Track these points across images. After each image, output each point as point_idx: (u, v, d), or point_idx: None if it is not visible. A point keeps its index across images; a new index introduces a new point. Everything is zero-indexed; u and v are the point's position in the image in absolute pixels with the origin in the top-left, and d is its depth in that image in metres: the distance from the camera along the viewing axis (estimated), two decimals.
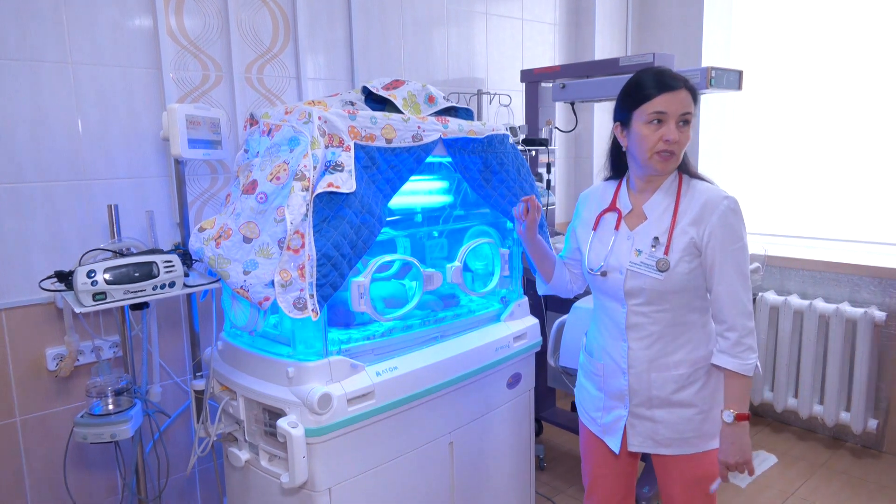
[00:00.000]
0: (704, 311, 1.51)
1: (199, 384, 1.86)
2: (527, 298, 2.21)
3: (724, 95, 3.37)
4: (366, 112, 1.68)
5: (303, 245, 1.50)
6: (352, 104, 1.94)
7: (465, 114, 2.09)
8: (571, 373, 2.44)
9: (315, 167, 1.51)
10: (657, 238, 1.47)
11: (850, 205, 3.19)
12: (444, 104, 2.04)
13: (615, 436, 1.59)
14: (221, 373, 1.77)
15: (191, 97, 2.19)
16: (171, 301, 2.20)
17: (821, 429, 3.19)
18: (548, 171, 2.87)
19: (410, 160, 1.74)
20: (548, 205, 2.83)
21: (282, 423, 1.54)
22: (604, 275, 1.54)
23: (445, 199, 2.12)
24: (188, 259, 1.76)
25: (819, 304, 2.98)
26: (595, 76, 2.67)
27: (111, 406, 1.80)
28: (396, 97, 1.96)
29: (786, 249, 3.25)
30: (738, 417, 1.43)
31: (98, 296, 1.55)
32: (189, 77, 2.18)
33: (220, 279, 1.62)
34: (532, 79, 2.89)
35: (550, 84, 2.84)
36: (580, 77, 2.72)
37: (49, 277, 1.67)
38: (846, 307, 2.90)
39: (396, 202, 1.81)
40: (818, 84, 3.23)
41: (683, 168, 1.51)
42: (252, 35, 2.32)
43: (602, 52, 3.54)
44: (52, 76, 1.92)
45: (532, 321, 2.18)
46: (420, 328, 1.89)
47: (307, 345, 1.62)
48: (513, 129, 2.66)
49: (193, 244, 1.65)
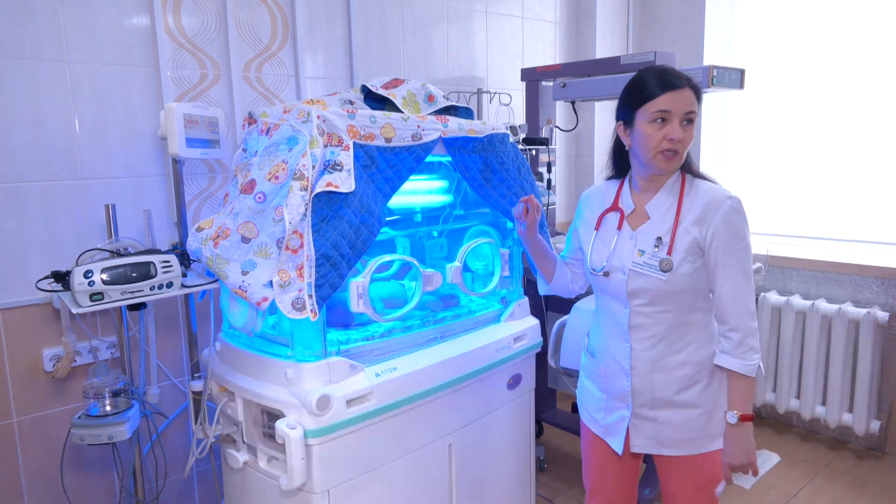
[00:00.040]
0: (707, 312, 1.50)
1: (197, 385, 1.85)
2: (527, 299, 2.20)
3: (726, 94, 3.36)
4: (365, 111, 1.67)
5: (301, 245, 1.49)
6: (351, 103, 1.93)
7: (465, 113, 2.08)
8: (572, 374, 2.42)
9: (314, 166, 1.50)
10: (660, 238, 1.46)
11: (853, 204, 3.18)
12: (444, 103, 2.03)
13: (618, 436, 1.58)
14: (219, 374, 1.76)
15: (189, 96, 2.17)
16: (169, 301, 2.18)
17: (823, 430, 3.17)
18: (548, 171, 2.86)
19: (410, 159, 1.73)
20: (548, 204, 2.81)
21: (280, 425, 1.53)
22: (606, 275, 1.53)
23: (445, 199, 2.11)
24: (186, 259, 1.74)
25: (821, 305, 2.96)
26: (596, 75, 2.65)
27: (108, 407, 1.79)
28: (396, 96, 1.95)
29: (788, 249, 3.24)
30: (742, 418, 1.42)
31: (95, 296, 1.54)
32: (187, 76, 2.16)
33: (219, 279, 1.61)
34: (532, 77, 2.87)
35: (551, 83, 2.82)
36: (581, 76, 2.71)
37: (46, 278, 1.66)
38: (849, 308, 2.89)
39: (396, 202, 1.79)
40: (821, 82, 3.21)
41: (686, 167, 1.51)
42: (250, 33, 2.30)
43: (603, 51, 3.53)
44: (50, 75, 1.90)
45: (532, 322, 2.17)
46: (420, 329, 1.88)
47: (306, 345, 1.61)
48: (513, 129, 2.65)
49: (191, 244, 1.64)
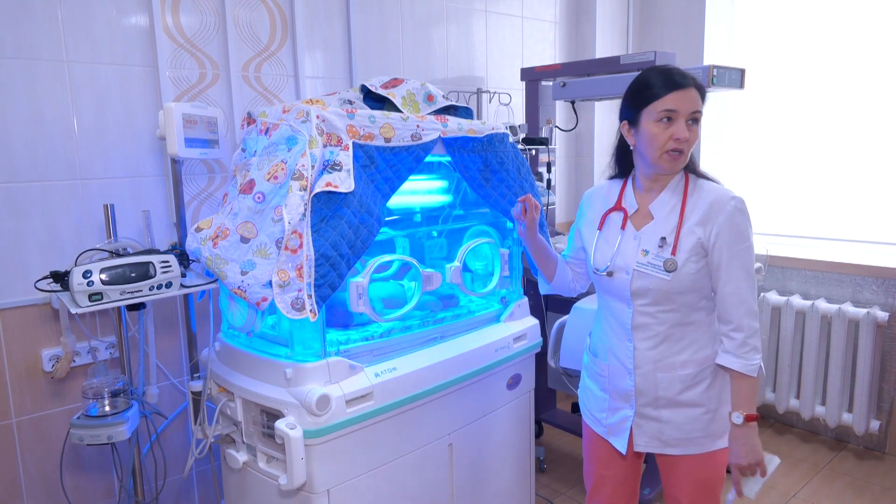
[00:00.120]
0: (710, 311, 1.50)
1: (197, 385, 1.85)
2: (527, 299, 2.20)
3: (726, 94, 3.35)
4: (364, 111, 1.66)
5: (301, 245, 1.49)
6: (350, 103, 1.93)
7: (465, 112, 2.08)
8: (572, 374, 2.42)
9: (313, 166, 1.50)
10: (664, 238, 1.46)
11: (853, 204, 3.18)
12: (444, 103, 2.02)
13: (621, 436, 1.57)
14: (219, 374, 1.76)
15: (187, 96, 2.17)
16: (168, 302, 2.18)
17: (823, 430, 3.17)
18: (548, 171, 2.86)
19: (409, 159, 1.73)
20: (548, 204, 2.81)
21: (280, 425, 1.53)
22: (610, 275, 1.52)
23: (445, 199, 2.10)
24: (185, 259, 1.74)
25: (821, 305, 2.96)
26: (596, 74, 2.65)
27: (108, 407, 1.79)
28: (395, 96, 1.95)
29: (788, 249, 3.23)
30: (747, 418, 1.42)
31: (94, 296, 1.54)
32: (186, 75, 2.16)
33: (218, 279, 1.61)
34: (532, 77, 2.87)
35: (551, 82, 2.82)
36: (581, 75, 2.71)
37: (45, 278, 1.66)
38: (848, 307, 2.88)
39: (395, 202, 1.79)
40: (821, 82, 3.21)
41: (690, 167, 1.50)
42: (249, 33, 2.30)
43: (603, 51, 3.52)
44: (48, 75, 1.90)
45: (532, 322, 2.17)
46: (419, 329, 1.88)
47: (305, 346, 1.61)
48: (513, 128, 2.64)
49: (190, 244, 1.64)
